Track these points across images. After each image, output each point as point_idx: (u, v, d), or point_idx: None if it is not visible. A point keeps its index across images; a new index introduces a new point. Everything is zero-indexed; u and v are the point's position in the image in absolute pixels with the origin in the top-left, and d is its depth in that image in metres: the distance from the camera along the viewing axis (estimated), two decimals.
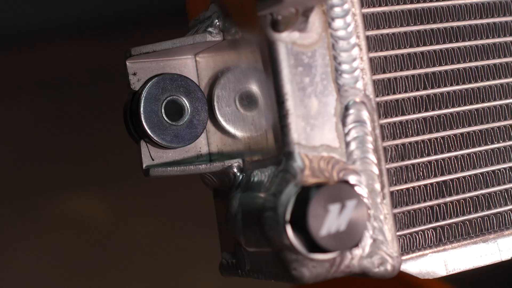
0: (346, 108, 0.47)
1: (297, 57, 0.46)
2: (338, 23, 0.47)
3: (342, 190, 0.44)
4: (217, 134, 0.53)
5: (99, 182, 2.19)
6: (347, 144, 0.47)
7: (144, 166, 0.51)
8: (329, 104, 0.46)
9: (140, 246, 1.92)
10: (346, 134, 0.47)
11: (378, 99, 0.49)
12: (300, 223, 0.43)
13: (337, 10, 0.47)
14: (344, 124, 0.47)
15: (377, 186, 0.47)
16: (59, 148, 2.34)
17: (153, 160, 0.52)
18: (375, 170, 0.47)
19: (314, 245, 0.44)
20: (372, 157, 0.47)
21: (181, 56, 0.53)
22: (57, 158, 2.29)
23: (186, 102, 0.52)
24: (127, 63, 0.52)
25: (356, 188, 0.46)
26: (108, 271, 1.84)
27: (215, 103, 0.52)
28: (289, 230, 0.44)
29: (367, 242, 0.47)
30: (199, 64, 0.53)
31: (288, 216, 0.44)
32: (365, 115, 0.47)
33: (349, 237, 0.44)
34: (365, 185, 0.47)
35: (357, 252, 0.46)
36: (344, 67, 0.47)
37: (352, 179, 0.46)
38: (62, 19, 2.99)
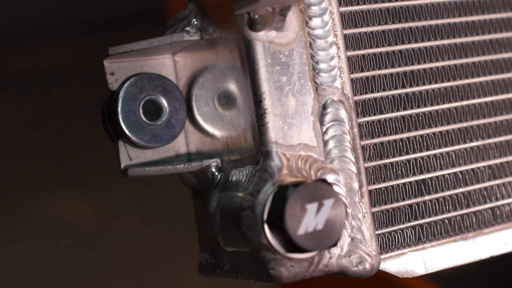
0: (324, 107, 0.47)
1: (274, 56, 0.46)
2: (315, 21, 0.47)
3: (319, 189, 0.44)
4: (195, 133, 0.52)
5: (83, 183, 2.18)
6: (325, 143, 0.47)
7: (122, 166, 0.51)
8: (306, 103, 0.46)
9: (126, 247, 1.91)
10: (324, 133, 0.47)
11: (356, 97, 0.48)
12: (277, 222, 0.43)
13: (314, 8, 0.47)
14: (322, 123, 0.47)
15: (355, 184, 0.47)
16: (41, 149, 2.33)
17: (131, 160, 0.51)
18: (353, 169, 0.47)
19: (292, 245, 0.43)
20: (350, 155, 0.47)
21: (159, 55, 0.52)
22: (40, 160, 2.29)
23: (164, 102, 0.51)
24: (105, 63, 0.51)
25: (334, 187, 0.46)
26: (94, 273, 1.84)
27: (194, 103, 0.52)
28: (266, 229, 0.44)
29: (345, 241, 0.46)
30: (178, 64, 0.53)
31: (265, 216, 0.44)
32: (343, 113, 0.47)
33: (327, 236, 0.44)
34: (343, 184, 0.47)
35: (336, 251, 0.46)
36: (322, 66, 0.47)
37: (330, 178, 0.46)
38: (41, 20, 2.98)
